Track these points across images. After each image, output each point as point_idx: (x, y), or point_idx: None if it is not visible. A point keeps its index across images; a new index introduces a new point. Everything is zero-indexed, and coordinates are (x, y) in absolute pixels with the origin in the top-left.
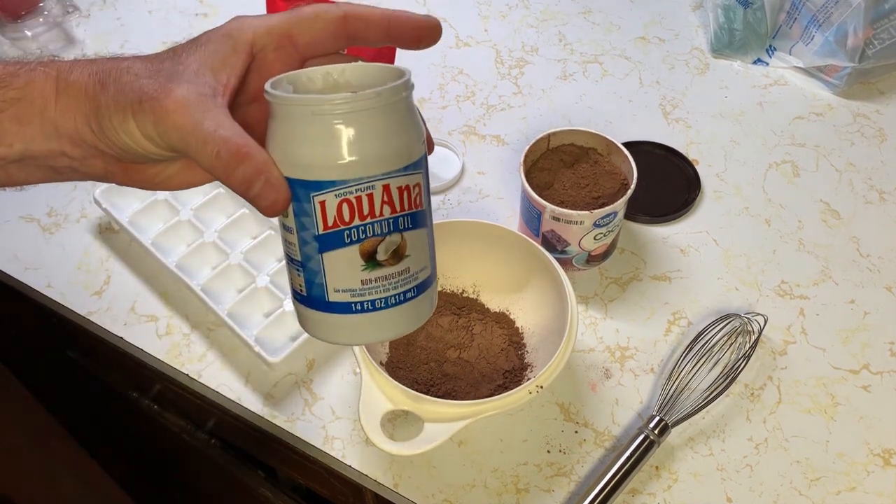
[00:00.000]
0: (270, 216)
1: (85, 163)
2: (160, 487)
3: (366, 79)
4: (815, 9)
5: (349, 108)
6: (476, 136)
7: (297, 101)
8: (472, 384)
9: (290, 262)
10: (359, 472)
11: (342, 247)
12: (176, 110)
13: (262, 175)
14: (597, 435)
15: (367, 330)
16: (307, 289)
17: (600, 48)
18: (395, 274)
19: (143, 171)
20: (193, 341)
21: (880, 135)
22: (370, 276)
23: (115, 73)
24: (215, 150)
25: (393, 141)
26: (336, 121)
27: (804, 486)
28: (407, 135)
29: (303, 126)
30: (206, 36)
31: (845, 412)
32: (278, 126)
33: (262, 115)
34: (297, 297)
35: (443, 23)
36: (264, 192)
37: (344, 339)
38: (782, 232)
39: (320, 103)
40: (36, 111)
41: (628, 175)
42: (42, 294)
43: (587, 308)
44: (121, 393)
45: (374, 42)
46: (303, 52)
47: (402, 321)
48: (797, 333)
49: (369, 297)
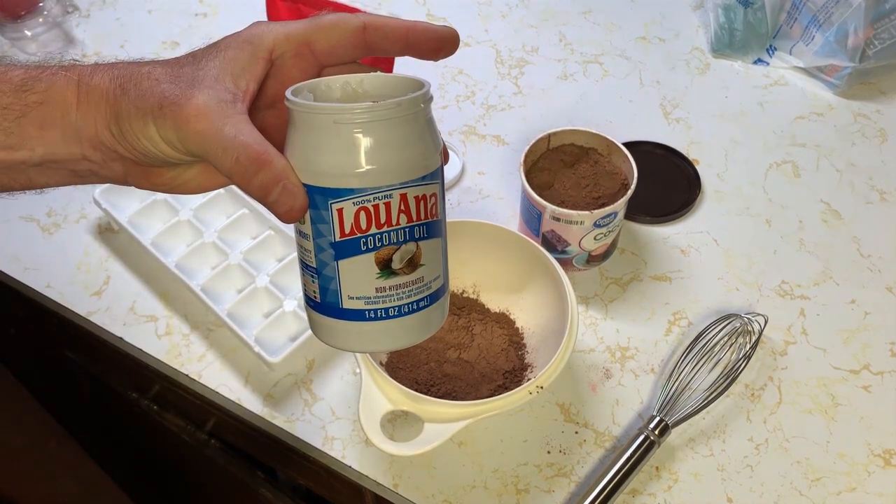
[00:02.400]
0: (287, 222)
1: (105, 166)
2: (160, 488)
3: (384, 89)
4: (815, 9)
5: (369, 117)
6: (476, 136)
7: (318, 108)
8: (472, 384)
9: (305, 269)
10: (359, 473)
11: (358, 254)
12: (196, 116)
13: (280, 182)
14: (597, 435)
15: (379, 338)
16: (321, 295)
17: (600, 48)
18: (409, 283)
19: (162, 174)
20: (193, 341)
21: (881, 135)
22: (385, 285)
23: (136, 77)
24: (235, 155)
25: (411, 151)
26: (356, 130)
27: (805, 487)
28: (425, 145)
29: (323, 134)
30: (226, 41)
31: (846, 412)
32: (298, 133)
33: (279, 120)
34: (311, 304)
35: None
36: (282, 198)
37: (356, 347)
38: (783, 232)
39: (341, 112)
40: (58, 115)
41: (628, 175)
42: (42, 294)
43: (587, 308)
44: (120, 393)
45: (393, 52)
46: (321, 59)
47: (414, 330)
48: (798, 334)
49: (383, 306)
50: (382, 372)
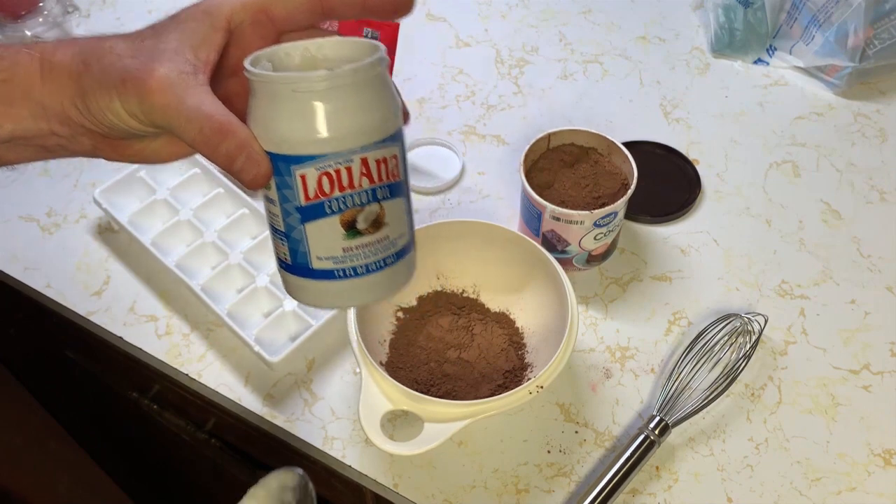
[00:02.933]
0: (253, 189)
1: (73, 141)
2: (159, 487)
3: (342, 53)
4: (815, 9)
5: (327, 85)
6: (476, 136)
7: (276, 79)
8: (472, 384)
9: (274, 233)
10: (359, 473)
11: (323, 217)
12: (159, 90)
13: (244, 150)
14: (597, 435)
15: (350, 294)
16: (291, 257)
17: (600, 48)
18: (374, 242)
19: (129, 146)
20: (193, 341)
21: (881, 135)
22: (351, 245)
23: (99, 53)
24: (198, 126)
25: (369, 115)
26: (314, 98)
27: (805, 487)
28: (383, 109)
29: (283, 103)
30: (186, 13)
31: (846, 412)
32: (259, 103)
33: (242, 88)
34: (282, 265)
35: (443, 23)
36: (247, 166)
37: (327, 304)
38: (783, 232)
39: (299, 81)
40: (22, 92)
41: (628, 175)
42: (42, 294)
43: (587, 308)
44: (120, 393)
45: (350, 16)
46: (279, 26)
47: (382, 286)
48: (798, 333)
49: (351, 264)
50: (382, 372)
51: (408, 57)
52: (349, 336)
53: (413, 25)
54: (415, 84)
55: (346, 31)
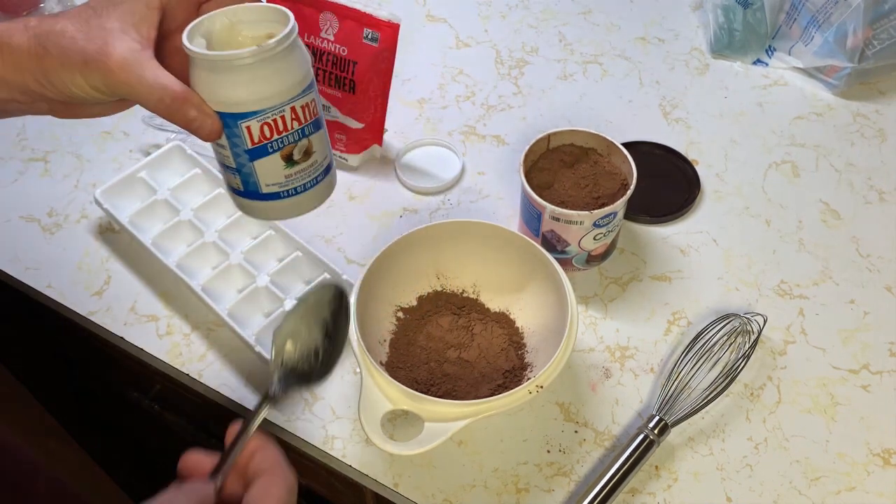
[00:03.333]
0: (208, 141)
1: (32, 106)
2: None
3: (255, 16)
4: (814, 9)
5: (258, 57)
6: (476, 136)
7: (216, 56)
8: (472, 384)
9: (226, 169)
10: (359, 472)
11: (267, 155)
12: (120, 68)
13: (199, 113)
14: (597, 435)
15: (294, 208)
16: (244, 186)
17: (600, 48)
18: (307, 166)
19: (84, 109)
20: (194, 341)
21: (880, 135)
22: (291, 172)
23: (54, 37)
24: (158, 96)
25: (293, 73)
26: (250, 69)
27: (804, 486)
28: (300, 65)
29: (224, 74)
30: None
31: (845, 412)
32: (202, 73)
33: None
34: (235, 192)
35: (443, 23)
36: (203, 124)
37: (275, 217)
38: (782, 232)
39: (236, 58)
40: None
41: (628, 175)
42: (42, 294)
43: (587, 308)
44: (121, 393)
45: None
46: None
47: (317, 197)
48: (797, 333)
49: (292, 186)
50: (382, 372)
51: (408, 57)
52: (349, 336)
53: (413, 26)
54: (415, 84)
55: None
